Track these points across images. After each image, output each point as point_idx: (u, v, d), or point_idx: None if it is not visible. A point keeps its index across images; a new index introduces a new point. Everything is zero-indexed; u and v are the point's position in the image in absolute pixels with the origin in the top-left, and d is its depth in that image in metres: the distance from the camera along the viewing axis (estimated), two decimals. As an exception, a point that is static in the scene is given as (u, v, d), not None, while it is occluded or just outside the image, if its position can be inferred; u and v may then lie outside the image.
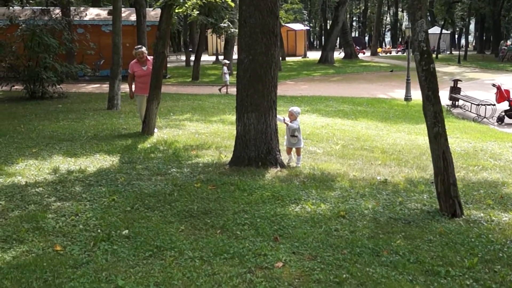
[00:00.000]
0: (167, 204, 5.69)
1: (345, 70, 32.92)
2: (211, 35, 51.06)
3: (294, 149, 7.90)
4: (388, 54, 58.08)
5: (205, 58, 47.14)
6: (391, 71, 29.83)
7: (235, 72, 28.86)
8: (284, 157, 7.91)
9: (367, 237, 4.77)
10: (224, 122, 12.13)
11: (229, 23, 24.74)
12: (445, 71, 32.82)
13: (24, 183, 6.53)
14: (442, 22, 47.06)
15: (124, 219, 5.19)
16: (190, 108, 14.98)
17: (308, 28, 62.96)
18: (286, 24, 46.86)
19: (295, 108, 7.91)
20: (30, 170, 7.15)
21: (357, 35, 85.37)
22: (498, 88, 14.62)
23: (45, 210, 5.43)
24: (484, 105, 14.67)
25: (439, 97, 5.52)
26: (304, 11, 54.28)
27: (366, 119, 13.97)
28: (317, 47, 77.70)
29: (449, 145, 10.40)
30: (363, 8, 73.59)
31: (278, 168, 7.49)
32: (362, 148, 9.64)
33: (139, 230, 4.86)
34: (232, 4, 10.40)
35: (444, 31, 57.84)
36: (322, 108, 15.72)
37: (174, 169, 7.32)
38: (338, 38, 46.92)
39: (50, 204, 5.64)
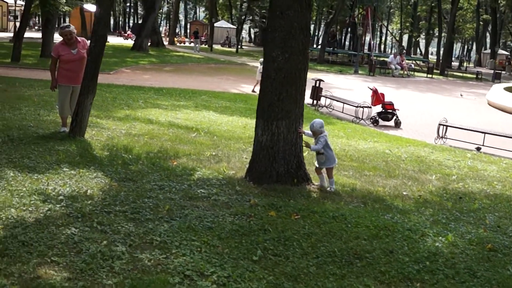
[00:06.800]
0: (291, 247, 4.39)
1: (167, 59, 31.65)
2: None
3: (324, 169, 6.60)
4: (183, 44, 57.96)
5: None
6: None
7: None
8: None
9: None
10: (141, 120, 10.32)
11: (58, -3, 21.57)
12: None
13: (31, 220, 4.43)
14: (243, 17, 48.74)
15: (281, 274, 3.80)
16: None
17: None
18: (85, 6, 43.29)
19: (316, 122, 6.55)
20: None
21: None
22: (375, 91, 15.42)
23: (146, 270, 3.69)
24: (363, 107, 15.34)
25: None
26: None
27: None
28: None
29: (389, 151, 10.60)
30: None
31: (311, 185, 6.53)
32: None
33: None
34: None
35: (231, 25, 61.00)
36: (209, 105, 14.63)
37: (201, 190, 5.80)
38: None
39: (133, 259, 3.86)
